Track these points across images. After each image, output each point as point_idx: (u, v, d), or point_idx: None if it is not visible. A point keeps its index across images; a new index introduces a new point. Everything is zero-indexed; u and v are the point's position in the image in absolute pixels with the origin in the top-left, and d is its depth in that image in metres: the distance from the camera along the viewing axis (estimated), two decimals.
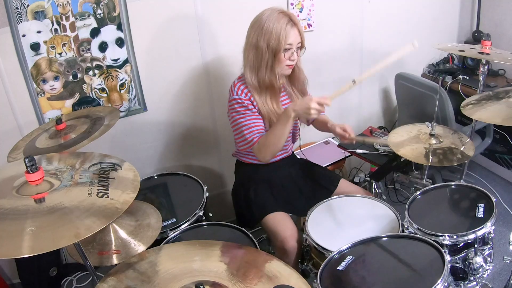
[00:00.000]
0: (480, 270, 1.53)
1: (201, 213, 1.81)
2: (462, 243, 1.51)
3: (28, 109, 1.99)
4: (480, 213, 1.59)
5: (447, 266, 1.27)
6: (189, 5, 2.14)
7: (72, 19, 1.92)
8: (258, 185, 1.87)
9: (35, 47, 1.89)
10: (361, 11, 2.61)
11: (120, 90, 2.15)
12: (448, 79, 2.78)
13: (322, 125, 1.95)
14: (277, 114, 1.73)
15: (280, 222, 1.76)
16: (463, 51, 2.06)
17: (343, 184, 1.98)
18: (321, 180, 1.97)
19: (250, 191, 1.87)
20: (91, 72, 2.05)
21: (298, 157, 2.13)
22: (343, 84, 1.57)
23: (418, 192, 1.77)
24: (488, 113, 1.83)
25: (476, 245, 1.52)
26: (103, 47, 2.03)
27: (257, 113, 1.73)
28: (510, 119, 1.73)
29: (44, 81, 1.97)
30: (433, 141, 1.85)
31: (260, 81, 1.70)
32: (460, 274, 1.55)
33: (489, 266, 1.56)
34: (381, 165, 2.15)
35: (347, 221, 1.69)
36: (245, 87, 1.73)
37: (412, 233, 1.55)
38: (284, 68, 1.70)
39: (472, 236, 1.50)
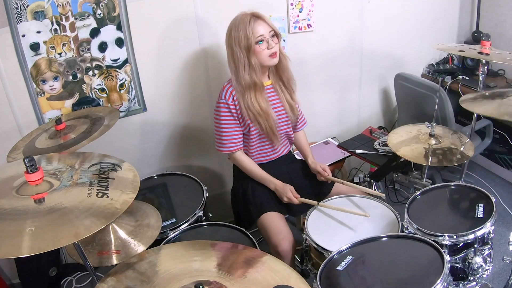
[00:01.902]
0: (480, 270, 1.53)
1: (200, 213, 1.81)
2: (461, 243, 1.51)
3: (28, 109, 1.98)
4: (480, 213, 1.59)
5: (447, 266, 1.27)
6: (189, 5, 2.14)
7: (71, 19, 1.92)
8: (256, 184, 1.88)
9: (34, 47, 1.89)
10: (360, 11, 2.61)
11: (120, 90, 2.15)
12: (448, 79, 2.78)
13: (301, 152, 2.06)
14: (264, 113, 1.76)
15: (274, 224, 1.77)
16: (463, 51, 2.06)
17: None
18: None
19: (248, 190, 1.88)
20: (90, 72, 2.05)
21: (297, 157, 2.13)
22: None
23: (418, 192, 1.77)
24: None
25: (475, 245, 1.52)
26: (102, 47, 2.03)
27: (237, 121, 1.80)
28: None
29: (44, 81, 1.97)
30: (433, 142, 1.85)
31: (242, 82, 1.73)
32: (459, 274, 1.55)
33: (488, 266, 1.56)
34: (381, 165, 2.15)
35: (347, 221, 1.69)
36: (233, 90, 1.78)
37: (412, 233, 1.55)
38: (268, 59, 1.72)
39: (471, 236, 1.50)
